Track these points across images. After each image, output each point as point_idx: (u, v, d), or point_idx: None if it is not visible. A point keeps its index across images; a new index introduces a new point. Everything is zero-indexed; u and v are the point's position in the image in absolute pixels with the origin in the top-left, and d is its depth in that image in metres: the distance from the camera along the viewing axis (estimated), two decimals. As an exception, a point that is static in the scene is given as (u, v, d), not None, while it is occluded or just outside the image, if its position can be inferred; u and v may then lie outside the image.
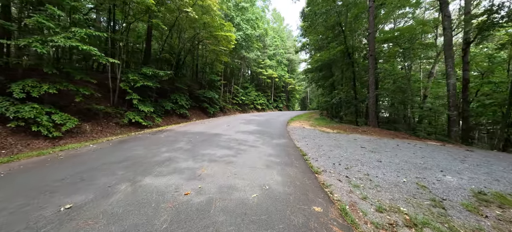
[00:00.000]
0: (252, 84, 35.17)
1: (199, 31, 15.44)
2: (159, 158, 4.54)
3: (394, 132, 10.23)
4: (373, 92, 11.28)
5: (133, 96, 10.60)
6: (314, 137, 8.55)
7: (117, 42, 11.36)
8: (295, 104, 57.64)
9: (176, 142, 6.42)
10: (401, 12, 17.00)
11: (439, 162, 5.02)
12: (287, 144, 6.78)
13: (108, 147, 5.61)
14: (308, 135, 9.23)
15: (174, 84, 15.27)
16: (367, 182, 3.70)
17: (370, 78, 11.29)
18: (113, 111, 10.40)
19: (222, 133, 8.40)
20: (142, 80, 10.89)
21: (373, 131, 10.43)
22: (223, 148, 5.74)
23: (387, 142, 7.69)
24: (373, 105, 11.29)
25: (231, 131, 9.22)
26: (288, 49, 46.50)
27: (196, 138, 7.20)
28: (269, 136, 8.16)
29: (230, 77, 27.47)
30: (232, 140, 6.96)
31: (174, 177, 3.48)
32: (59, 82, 7.78)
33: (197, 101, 18.93)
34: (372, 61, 11.30)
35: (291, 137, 8.38)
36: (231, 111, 25.42)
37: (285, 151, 5.75)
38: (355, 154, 5.65)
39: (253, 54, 26.15)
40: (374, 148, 6.45)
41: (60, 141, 7.38)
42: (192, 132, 8.47)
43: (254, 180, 3.50)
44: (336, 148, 6.39)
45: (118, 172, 3.64)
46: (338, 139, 8.23)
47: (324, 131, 10.87)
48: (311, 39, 22.25)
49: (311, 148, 6.38)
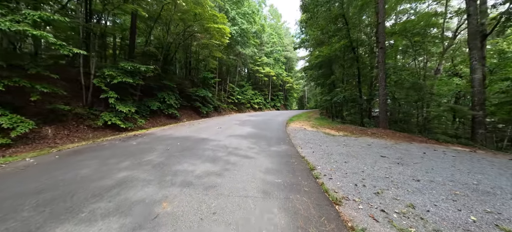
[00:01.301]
0: (248, 82, 33.79)
1: (189, 23, 14.01)
2: (108, 182, 3.16)
3: (408, 135, 8.98)
4: (383, 90, 10.01)
5: (109, 94, 9.15)
6: (320, 142, 7.24)
7: (92, 33, 9.88)
8: (293, 103, 56.47)
9: (148, 151, 5.04)
10: (408, 6, 15.80)
11: (498, 182, 3.73)
12: (289, 153, 5.46)
13: (49, 162, 4.20)
14: (312, 139, 7.92)
15: (162, 81, 13.82)
16: (418, 223, 2.39)
17: (380, 73, 10.02)
18: (86, 112, 8.96)
19: (211, 138, 7.03)
20: (120, 76, 9.45)
21: (384, 134, 9.17)
22: (206, 161, 4.38)
23: (409, 149, 6.42)
24: (383, 104, 10.03)
25: (222, 134, 7.86)
26: (286, 47, 45.21)
27: (176, 145, 5.83)
28: (266, 141, 6.83)
29: (225, 75, 26.05)
30: (220, 148, 5.61)
31: (110, 225, 2.11)
32: (8, 77, 6.33)
33: (188, 100, 17.51)
34: (382, 55, 10.02)
35: (292, 142, 7.06)
36: (227, 110, 24.02)
37: (288, 164, 4.41)
38: (379, 168, 4.35)
39: (250, 51, 24.75)
40: (399, 159, 5.16)
41: (8, 150, 5.93)
42: (175, 137, 7.10)
43: (243, 228, 2.16)
44: (350, 158, 5.08)
45: (20, 215, 2.25)
46: (349, 144, 6.93)
47: (328, 133, 9.58)
48: (310, 34, 20.95)
49: (320, 158, 5.06)
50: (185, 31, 14.83)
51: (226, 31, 15.50)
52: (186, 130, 8.92)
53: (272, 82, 39.03)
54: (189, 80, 19.90)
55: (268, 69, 34.02)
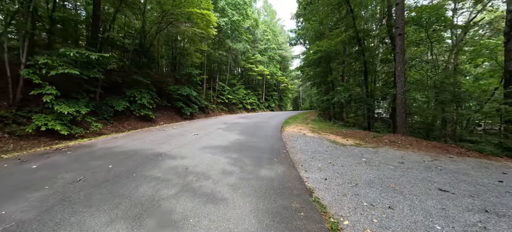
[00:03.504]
0: (241, 81, 31.60)
1: (167, 8, 11.72)
2: None
3: (438, 144, 7.01)
4: (402, 86, 8.02)
5: (45, 90, 6.80)
6: (330, 157, 5.14)
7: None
8: (287, 103, 54.55)
9: (36, 185, 2.80)
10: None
11: None
12: (289, 184, 3.32)
13: None
14: (317, 151, 5.81)
15: (132, 77, 11.48)
16: None
17: (398, 66, 8.03)
18: (10, 114, 6.60)
19: (171, 153, 4.81)
20: (62, 67, 7.10)
21: (406, 142, 7.17)
22: (126, 217, 2.19)
23: (466, 171, 4.38)
24: (402, 104, 8.04)
25: (194, 146, 5.64)
26: (281, 45, 43.27)
27: (105, 169, 3.60)
28: (254, 158, 4.67)
29: (214, 72, 23.78)
30: (175, 175, 3.42)
31: None
32: None
33: (169, 99, 15.19)
34: (401, 42, 8.04)
35: (291, 158, 4.93)
36: (216, 111, 21.73)
37: (289, 220, 2.27)
38: (459, 225, 2.26)
39: (241, 46, 22.56)
40: (473, 195, 3.09)
41: None
42: (119, 151, 4.84)
43: None
44: (392, 196, 2.98)
45: None
46: (372, 161, 4.85)
47: (335, 141, 7.51)
48: (308, 27, 19.00)
49: (341, 196, 2.94)
50: (162, 18, 12.53)
51: (211, 18, 13.29)
52: (148, 139, 6.66)
53: (266, 82, 36.92)
54: (172, 77, 17.56)
55: (261, 67, 31.91)
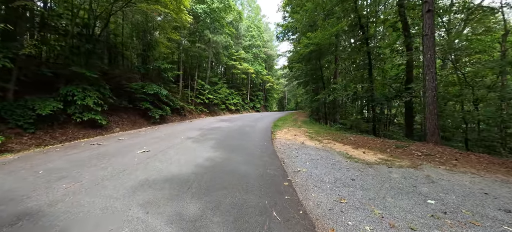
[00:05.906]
0: (223, 79, 28.90)
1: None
2: None
3: (496, 159, 5.06)
4: (432, 80, 6.01)
5: None
6: (371, 199, 2.84)
7: None
8: (273, 104, 52.62)
9: None
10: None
11: None
12: None
13: None
14: (338, 179, 3.50)
15: (69, 68, 8.44)
16: None
17: (428, 53, 6.02)
18: None
19: (46, 214, 2.21)
20: None
21: (450, 156, 5.13)
22: None
23: None
24: (433, 103, 6.04)
25: (120, 183, 3.04)
26: (266, 43, 41.19)
27: None
28: (232, 217, 2.23)
29: (193, 69, 20.90)
30: None
31: None
32: None
33: (132, 100, 12.23)
34: (431, 21, 6.04)
35: (304, 208, 2.56)
36: (194, 113, 18.86)
37: None
38: None
39: (223, 38, 19.92)
40: None
41: None
42: None
43: None
44: None
45: None
46: (449, 203, 2.62)
47: (352, 157, 5.26)
48: (298, 19, 16.89)
49: None
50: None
51: None
52: (45, 167, 3.93)
53: (251, 81, 34.51)
54: (138, 72, 14.46)
55: (246, 65, 29.45)
